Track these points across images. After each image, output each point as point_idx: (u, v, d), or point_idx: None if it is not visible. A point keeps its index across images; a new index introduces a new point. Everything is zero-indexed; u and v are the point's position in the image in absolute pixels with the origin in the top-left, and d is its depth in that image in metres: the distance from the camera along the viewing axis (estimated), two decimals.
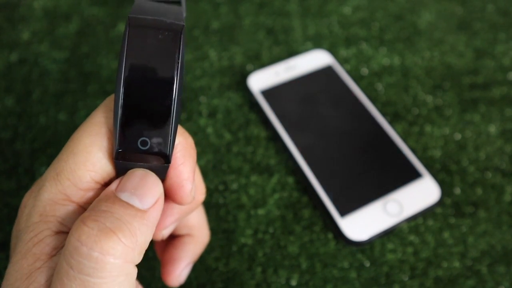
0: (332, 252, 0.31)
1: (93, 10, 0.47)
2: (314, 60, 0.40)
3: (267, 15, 0.46)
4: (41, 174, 0.35)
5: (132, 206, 0.15)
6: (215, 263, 0.30)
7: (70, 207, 0.16)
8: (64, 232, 0.16)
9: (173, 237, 0.25)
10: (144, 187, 0.15)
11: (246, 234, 0.32)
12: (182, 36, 0.15)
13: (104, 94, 0.40)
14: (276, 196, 0.33)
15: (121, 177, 0.16)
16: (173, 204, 0.19)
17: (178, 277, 0.24)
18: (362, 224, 0.31)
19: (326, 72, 0.40)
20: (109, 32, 0.45)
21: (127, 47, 0.14)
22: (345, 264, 0.30)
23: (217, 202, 0.33)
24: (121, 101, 0.15)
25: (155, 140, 0.15)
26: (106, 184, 0.17)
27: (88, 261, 0.13)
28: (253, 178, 0.34)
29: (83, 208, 0.16)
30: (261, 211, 0.33)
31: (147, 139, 0.15)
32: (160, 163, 0.16)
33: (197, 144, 0.36)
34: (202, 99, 0.39)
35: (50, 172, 0.16)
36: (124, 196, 0.15)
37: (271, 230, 0.32)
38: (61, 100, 0.40)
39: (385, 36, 0.44)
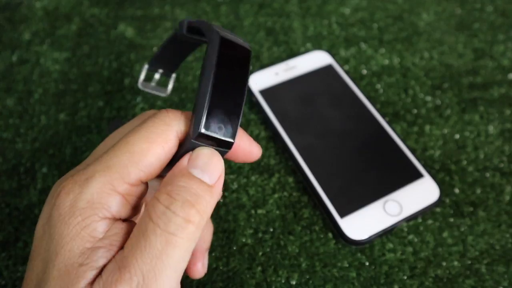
0: (332, 251, 0.31)
1: (93, 11, 0.47)
2: (314, 60, 0.41)
3: (267, 15, 0.46)
4: (42, 174, 0.35)
5: (204, 183, 0.18)
6: (215, 263, 0.30)
7: (116, 197, 0.18)
8: (109, 218, 0.18)
9: None
10: (212, 164, 0.18)
11: (246, 233, 0.32)
12: (251, 54, 0.20)
13: (105, 94, 0.40)
14: (276, 196, 0.33)
15: (189, 153, 0.18)
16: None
17: (203, 267, 0.26)
18: (362, 223, 0.31)
19: (326, 73, 0.40)
20: (110, 33, 0.45)
21: (217, 58, 0.18)
22: (345, 264, 0.30)
23: (217, 202, 0.33)
24: (209, 95, 0.18)
25: (228, 128, 0.18)
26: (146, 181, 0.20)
27: (174, 222, 0.16)
28: (253, 178, 0.34)
29: (125, 199, 0.18)
30: (261, 211, 0.33)
31: (222, 126, 0.18)
32: (223, 148, 0.19)
33: None
34: None
35: (99, 165, 0.18)
36: (196, 173, 0.18)
37: (271, 229, 0.32)
38: (62, 100, 0.40)
39: (384, 36, 0.45)
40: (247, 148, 0.21)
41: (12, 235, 0.32)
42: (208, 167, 0.18)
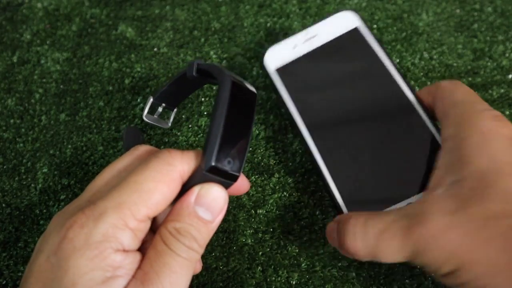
0: (332, 251, 0.31)
1: (94, 11, 0.47)
2: (338, 25, 0.33)
3: (267, 16, 0.47)
4: (43, 174, 0.35)
5: (205, 220, 0.21)
6: (215, 263, 0.30)
7: (127, 232, 0.19)
8: (121, 250, 0.19)
9: None
10: (217, 204, 0.21)
11: (246, 233, 0.32)
12: (257, 97, 0.22)
13: (106, 95, 0.40)
14: (276, 196, 0.34)
15: (197, 187, 0.21)
16: None
17: (199, 263, 0.28)
18: None
19: (352, 41, 0.33)
20: (110, 33, 0.45)
21: (229, 100, 0.20)
22: (345, 264, 0.30)
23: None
24: (220, 133, 0.20)
25: (236, 163, 0.20)
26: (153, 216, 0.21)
27: (182, 250, 0.20)
28: (253, 178, 0.34)
29: (134, 233, 0.20)
30: (261, 211, 0.33)
31: (231, 160, 0.20)
32: (228, 181, 0.21)
33: (198, 144, 0.37)
34: (203, 99, 0.40)
35: (110, 202, 0.19)
36: (201, 211, 0.21)
37: (271, 229, 0.32)
38: (63, 100, 0.40)
39: (384, 37, 0.45)
40: (239, 182, 0.23)
41: (12, 235, 0.32)
42: (213, 206, 0.21)
